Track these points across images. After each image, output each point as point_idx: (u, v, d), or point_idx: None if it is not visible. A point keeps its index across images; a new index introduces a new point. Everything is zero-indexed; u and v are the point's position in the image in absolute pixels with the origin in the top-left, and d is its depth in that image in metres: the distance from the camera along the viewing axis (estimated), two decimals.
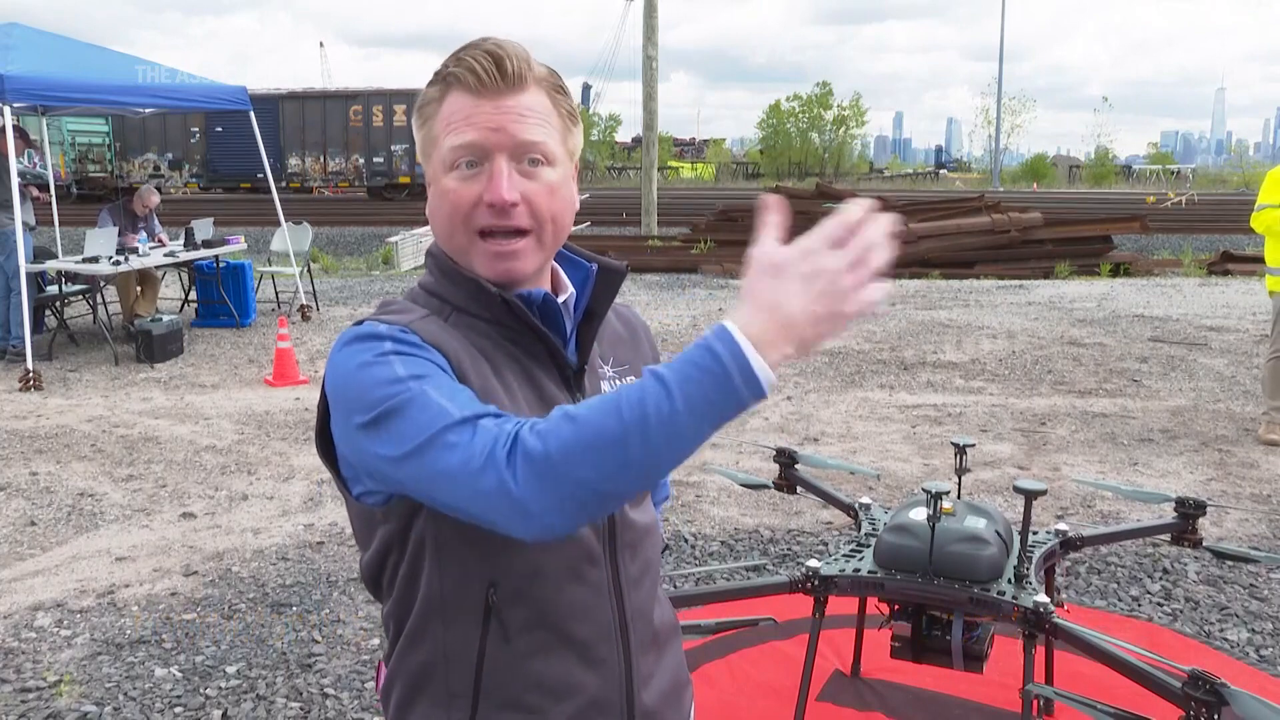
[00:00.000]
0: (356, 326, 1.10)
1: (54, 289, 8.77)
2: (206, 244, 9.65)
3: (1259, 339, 8.76)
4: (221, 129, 29.79)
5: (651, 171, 20.28)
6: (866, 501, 3.00)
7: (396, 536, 1.14)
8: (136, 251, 9.05)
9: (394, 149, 30.01)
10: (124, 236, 9.14)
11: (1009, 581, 2.45)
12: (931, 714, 2.98)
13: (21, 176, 8.23)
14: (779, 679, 3.16)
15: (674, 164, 61.62)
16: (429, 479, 0.98)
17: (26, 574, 4.15)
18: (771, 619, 2.85)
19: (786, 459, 3.24)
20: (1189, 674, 2.02)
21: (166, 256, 9.11)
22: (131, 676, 3.30)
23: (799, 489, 3.24)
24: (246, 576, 4.10)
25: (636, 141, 63.46)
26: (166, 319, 8.39)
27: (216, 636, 3.58)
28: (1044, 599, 2.36)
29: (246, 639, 3.56)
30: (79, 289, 9.32)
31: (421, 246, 15.20)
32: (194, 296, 10.10)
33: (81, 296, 9.53)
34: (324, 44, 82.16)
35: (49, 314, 9.00)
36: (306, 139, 30.71)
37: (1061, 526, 2.84)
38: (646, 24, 19.50)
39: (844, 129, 69.18)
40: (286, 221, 10.40)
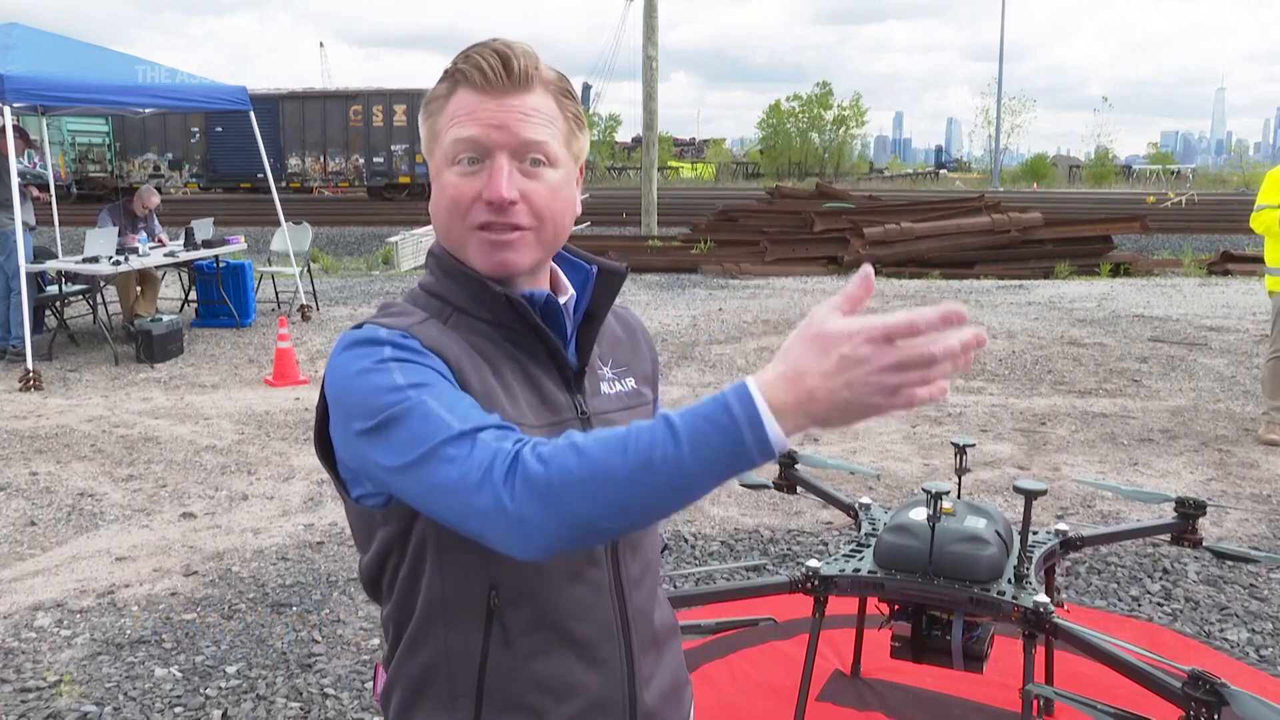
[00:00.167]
0: (356, 330, 1.10)
1: (54, 289, 8.77)
2: (206, 244, 9.65)
3: (1259, 339, 8.76)
4: (221, 129, 29.78)
5: (651, 171, 20.28)
6: (866, 501, 3.00)
7: (396, 539, 1.14)
8: (136, 251, 9.05)
9: (394, 149, 30.01)
10: (124, 236, 9.14)
11: (1009, 581, 2.45)
12: (931, 714, 2.98)
13: (21, 176, 8.23)
14: (779, 679, 3.16)
15: (674, 164, 61.61)
16: (426, 491, 0.98)
17: (26, 574, 4.16)
18: (771, 619, 2.85)
19: (786, 459, 3.24)
20: (1189, 674, 2.02)
21: (166, 256, 9.12)
22: (131, 676, 3.30)
23: (799, 489, 3.24)
24: (246, 576, 4.10)
25: (636, 141, 63.43)
26: (166, 319, 8.39)
27: (216, 636, 3.58)
28: (1044, 599, 2.36)
29: (246, 639, 3.56)
30: (79, 289, 9.31)
31: (421, 246, 15.20)
32: (194, 296, 10.10)
33: (81, 296, 9.53)
34: (324, 44, 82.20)
35: (49, 314, 9.00)
36: (306, 139, 30.70)
37: (1061, 526, 2.84)
38: (646, 24, 19.50)
39: (844, 129, 69.26)
40: (286, 221, 10.40)
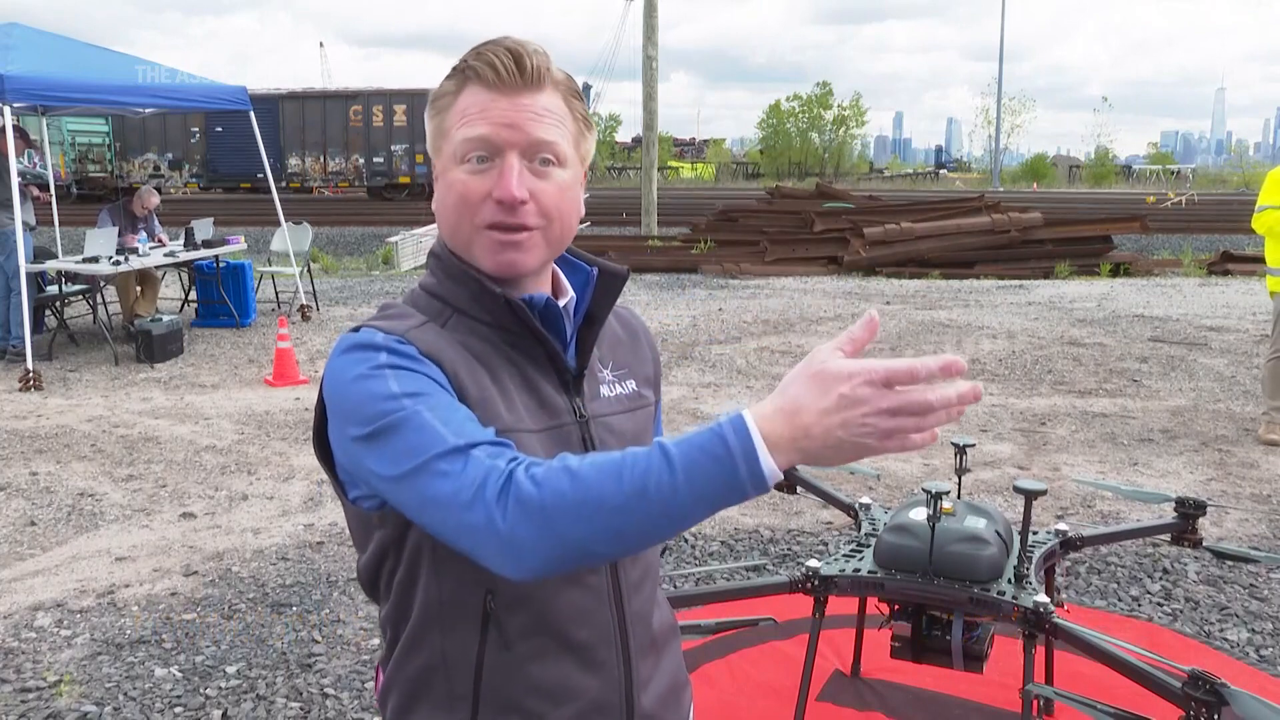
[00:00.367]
0: (354, 333, 1.09)
1: (54, 289, 8.77)
2: (206, 244, 9.66)
3: (1259, 339, 8.77)
4: (221, 129, 29.79)
5: (651, 171, 20.27)
6: (866, 501, 3.00)
7: (393, 542, 1.13)
8: (136, 251, 9.05)
9: (394, 149, 30.01)
10: (124, 237, 9.14)
11: (1009, 581, 2.45)
12: (931, 714, 2.98)
13: (21, 176, 8.23)
14: (779, 679, 3.16)
15: (674, 164, 61.60)
16: (419, 503, 0.98)
17: (26, 574, 4.15)
18: (771, 619, 2.85)
19: None
20: (1189, 674, 2.02)
21: (166, 256, 9.11)
22: (131, 676, 3.30)
23: (799, 489, 3.24)
24: (246, 576, 4.10)
25: (636, 141, 63.40)
26: (166, 319, 8.39)
27: (216, 636, 3.58)
28: (1044, 599, 2.36)
29: (246, 639, 3.56)
30: (79, 289, 9.32)
31: (421, 247, 15.19)
32: (194, 296, 10.10)
33: (81, 296, 9.53)
34: (324, 44, 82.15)
35: (49, 314, 9.00)
36: (306, 139, 30.71)
37: (1061, 526, 2.84)
38: (646, 24, 19.49)
39: (844, 129, 69.25)
40: (286, 221, 10.40)
